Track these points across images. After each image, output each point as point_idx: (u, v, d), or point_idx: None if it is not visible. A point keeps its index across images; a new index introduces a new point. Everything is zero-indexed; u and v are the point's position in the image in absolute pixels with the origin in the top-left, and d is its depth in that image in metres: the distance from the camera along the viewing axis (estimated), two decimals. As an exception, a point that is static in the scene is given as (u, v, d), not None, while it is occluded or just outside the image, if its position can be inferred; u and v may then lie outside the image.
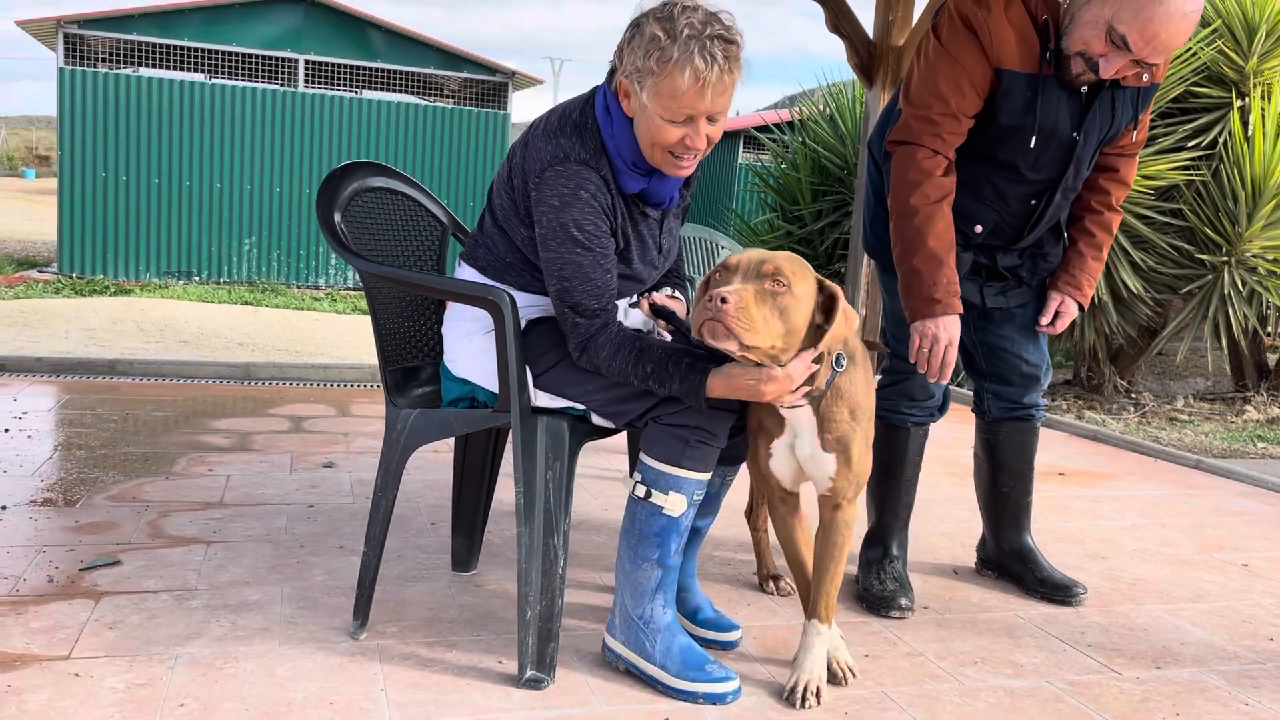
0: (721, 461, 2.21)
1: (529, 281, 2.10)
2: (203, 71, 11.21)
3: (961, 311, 2.41)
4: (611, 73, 2.00)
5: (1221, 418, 6.83)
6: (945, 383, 2.48)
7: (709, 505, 2.28)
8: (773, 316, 1.82)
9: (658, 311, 2.18)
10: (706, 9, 1.88)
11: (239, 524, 2.91)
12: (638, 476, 2.04)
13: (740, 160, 14.31)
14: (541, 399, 2.06)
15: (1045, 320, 2.65)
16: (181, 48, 10.96)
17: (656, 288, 2.29)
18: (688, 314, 2.31)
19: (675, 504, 2.00)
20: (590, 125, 1.98)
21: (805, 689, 2.03)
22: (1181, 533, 3.43)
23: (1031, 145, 2.36)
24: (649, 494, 2.01)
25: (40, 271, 10.64)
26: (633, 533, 2.04)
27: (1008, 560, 2.82)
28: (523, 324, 2.08)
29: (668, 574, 2.05)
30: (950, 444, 4.61)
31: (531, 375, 2.06)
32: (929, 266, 2.35)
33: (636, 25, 1.90)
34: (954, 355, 2.38)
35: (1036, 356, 2.71)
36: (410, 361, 2.32)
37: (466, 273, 2.17)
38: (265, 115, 10.86)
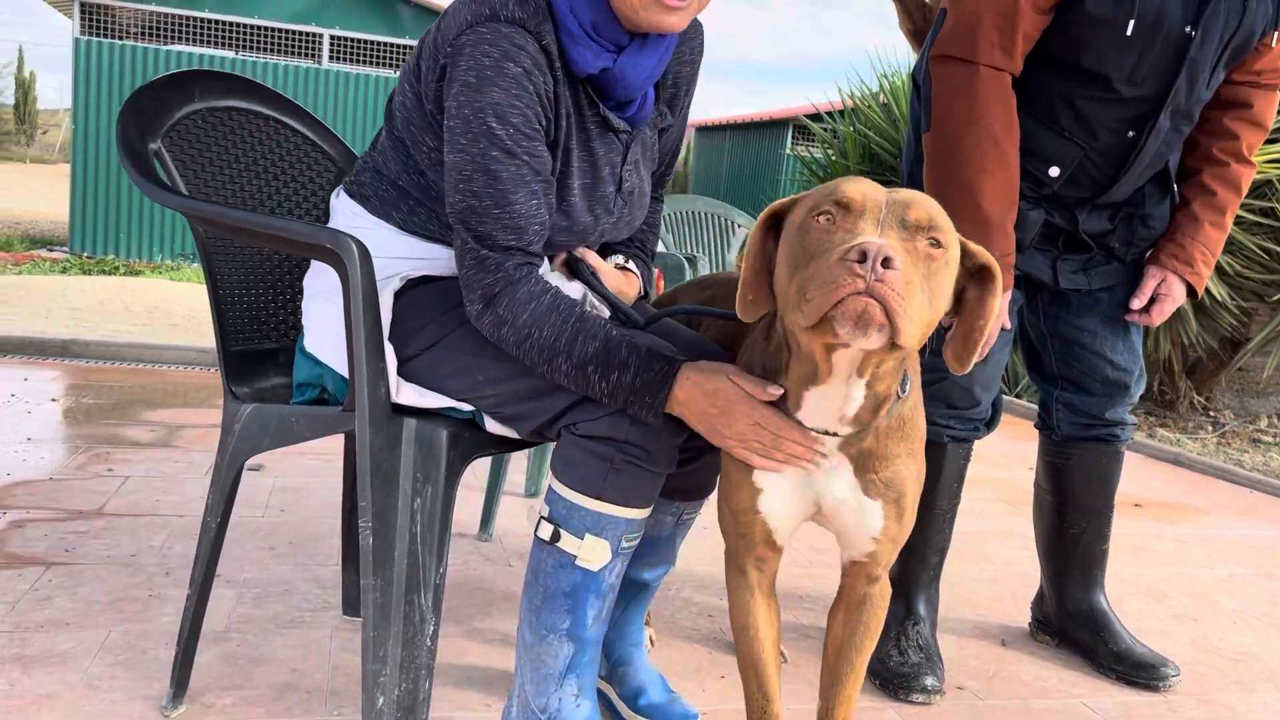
0: (676, 495, 1.58)
1: (423, 222, 1.50)
2: (224, 46, 10.75)
3: (1012, 285, 1.79)
4: None
5: (1312, 441, 6.12)
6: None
7: (660, 553, 1.65)
8: (923, 297, 1.13)
9: (579, 274, 1.55)
10: None
11: (103, 540, 2.34)
12: (543, 510, 1.42)
13: (788, 149, 13.76)
14: (408, 394, 1.44)
15: (1138, 304, 1.98)
16: (201, 20, 10.52)
17: (604, 254, 1.66)
18: (644, 296, 1.68)
19: (593, 552, 1.38)
20: None
21: None
22: (1292, 587, 2.75)
23: (1129, 34, 1.70)
24: (556, 535, 1.39)
25: (51, 250, 10.26)
26: (535, 589, 1.43)
27: (1073, 624, 2.16)
28: (399, 283, 1.48)
29: (583, 650, 1.43)
30: (1004, 462, 3.93)
31: (396, 359, 1.45)
32: (978, 234, 1.72)
33: None
34: (996, 330, 1.82)
35: (1127, 357, 2.05)
36: (261, 342, 1.72)
37: (342, 204, 1.57)
38: (287, 92, 10.36)
